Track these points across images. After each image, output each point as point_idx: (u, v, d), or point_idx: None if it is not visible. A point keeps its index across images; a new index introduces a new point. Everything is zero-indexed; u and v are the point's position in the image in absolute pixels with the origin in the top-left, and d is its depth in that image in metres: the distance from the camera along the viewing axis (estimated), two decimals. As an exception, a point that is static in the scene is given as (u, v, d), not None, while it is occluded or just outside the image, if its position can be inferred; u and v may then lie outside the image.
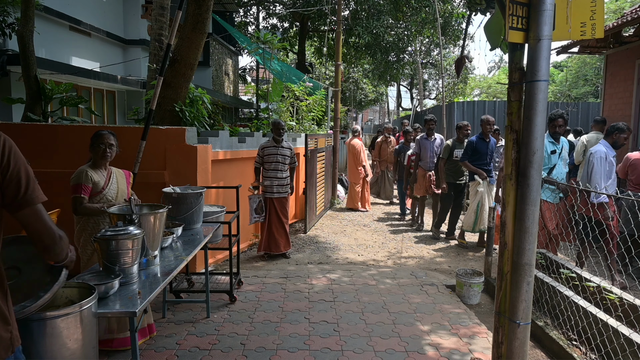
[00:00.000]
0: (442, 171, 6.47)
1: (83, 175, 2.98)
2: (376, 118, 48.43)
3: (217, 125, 6.67)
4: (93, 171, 3.06)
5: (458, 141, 6.38)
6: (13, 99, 5.97)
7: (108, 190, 3.10)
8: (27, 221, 1.42)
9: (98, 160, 3.09)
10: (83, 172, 2.99)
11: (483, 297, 4.34)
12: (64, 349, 1.82)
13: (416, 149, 7.27)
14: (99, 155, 3.07)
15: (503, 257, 2.11)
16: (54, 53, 8.25)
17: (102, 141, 3.06)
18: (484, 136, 6.00)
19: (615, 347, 2.84)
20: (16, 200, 1.38)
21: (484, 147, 5.97)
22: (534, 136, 1.95)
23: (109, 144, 3.08)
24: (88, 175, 3.00)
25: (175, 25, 3.82)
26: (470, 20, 6.77)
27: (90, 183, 3.00)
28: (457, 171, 6.37)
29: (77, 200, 2.95)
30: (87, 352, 1.94)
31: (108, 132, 3.13)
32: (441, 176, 6.51)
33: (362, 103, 29.69)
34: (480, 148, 5.96)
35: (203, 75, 13.40)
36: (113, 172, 3.22)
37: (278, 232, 5.54)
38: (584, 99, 20.18)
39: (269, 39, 8.68)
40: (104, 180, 3.10)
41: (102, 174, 3.12)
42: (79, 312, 1.86)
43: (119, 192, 3.18)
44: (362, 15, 14.50)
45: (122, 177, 3.29)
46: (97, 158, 3.09)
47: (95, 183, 3.03)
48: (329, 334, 3.49)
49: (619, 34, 7.96)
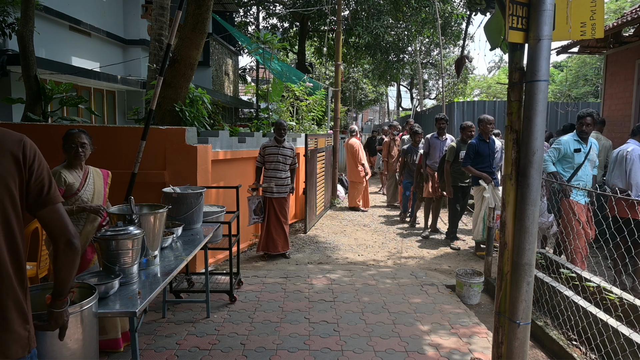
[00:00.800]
0: (449, 174, 6.18)
1: (55, 177, 2.85)
2: (376, 118, 48.40)
3: (217, 125, 6.67)
4: (68, 172, 2.96)
5: (462, 142, 6.14)
6: (13, 99, 5.96)
7: (83, 191, 2.99)
8: (51, 217, 1.52)
9: (72, 160, 2.99)
10: (56, 174, 2.86)
11: (483, 297, 4.34)
12: (64, 349, 1.81)
13: (425, 148, 6.98)
14: (71, 156, 2.97)
15: (503, 257, 2.11)
16: (54, 53, 8.25)
17: (73, 141, 2.95)
18: (484, 137, 5.78)
19: (615, 347, 2.84)
20: (39, 199, 1.50)
21: (485, 149, 5.75)
22: (534, 136, 1.95)
23: (80, 143, 2.96)
24: (61, 177, 2.89)
25: (175, 25, 3.82)
26: (470, 20, 6.77)
27: (64, 185, 2.89)
28: (463, 173, 6.09)
29: None
30: (88, 352, 1.94)
31: (79, 130, 3.01)
32: (447, 180, 6.24)
33: (362, 103, 29.69)
34: (482, 150, 5.73)
35: (203, 75, 13.40)
36: (90, 172, 3.11)
37: (276, 232, 5.54)
38: (584, 99, 20.18)
39: (269, 39, 8.68)
40: (79, 182, 2.99)
41: (78, 174, 3.02)
42: (79, 313, 1.86)
43: (95, 193, 3.07)
44: (362, 15, 14.50)
45: (100, 177, 3.18)
46: (70, 158, 2.98)
47: (69, 185, 2.92)
48: (329, 334, 3.49)
49: (619, 34, 7.95)
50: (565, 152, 4.62)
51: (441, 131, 6.86)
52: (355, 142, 9.04)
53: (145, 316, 3.75)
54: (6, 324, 1.43)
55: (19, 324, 1.46)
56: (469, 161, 5.75)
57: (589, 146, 4.64)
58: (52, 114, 6.17)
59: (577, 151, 4.58)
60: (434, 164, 6.81)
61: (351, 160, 9.05)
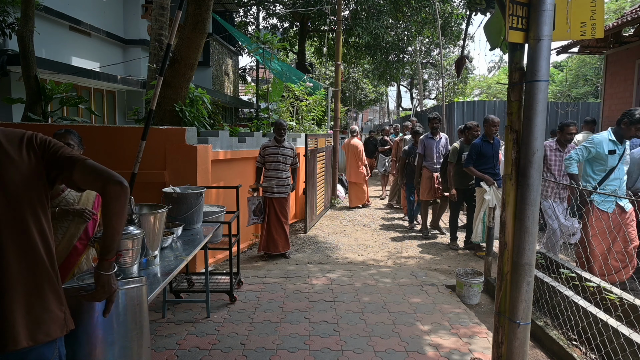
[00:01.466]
0: (451, 176, 6.09)
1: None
2: (376, 118, 48.40)
3: (217, 125, 6.67)
4: None
5: (466, 143, 6.04)
6: (13, 99, 5.97)
7: (69, 192, 2.89)
8: (87, 170, 1.53)
9: None
10: None
11: (483, 297, 4.34)
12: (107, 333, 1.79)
13: (420, 149, 6.80)
14: None
15: (503, 257, 2.11)
16: (54, 53, 8.25)
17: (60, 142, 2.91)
18: (488, 137, 5.67)
19: (615, 347, 2.84)
20: (65, 165, 1.52)
21: (489, 150, 5.62)
22: (534, 136, 1.95)
23: (67, 144, 2.83)
24: None
25: (175, 25, 3.82)
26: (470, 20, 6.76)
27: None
28: (466, 175, 5.98)
29: None
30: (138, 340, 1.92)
31: (65, 130, 2.91)
32: (451, 182, 6.11)
33: (362, 103, 29.69)
34: (486, 151, 5.59)
35: (203, 75, 13.41)
36: None
37: (277, 232, 5.54)
38: (584, 99, 20.19)
39: (269, 39, 8.68)
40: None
41: None
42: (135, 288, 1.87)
43: (82, 193, 2.95)
44: (362, 16, 14.51)
45: None
46: None
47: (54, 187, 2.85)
48: (329, 334, 3.49)
49: (619, 34, 7.96)
50: (598, 153, 4.22)
51: (434, 130, 6.75)
52: (358, 143, 9.06)
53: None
54: (46, 305, 1.49)
55: (55, 305, 1.51)
56: (471, 162, 5.64)
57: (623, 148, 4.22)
58: (52, 114, 6.17)
59: (611, 153, 4.16)
60: (432, 164, 6.71)
61: (353, 161, 9.04)
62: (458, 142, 6.23)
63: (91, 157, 3.00)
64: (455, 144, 6.24)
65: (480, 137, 5.76)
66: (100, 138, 4.55)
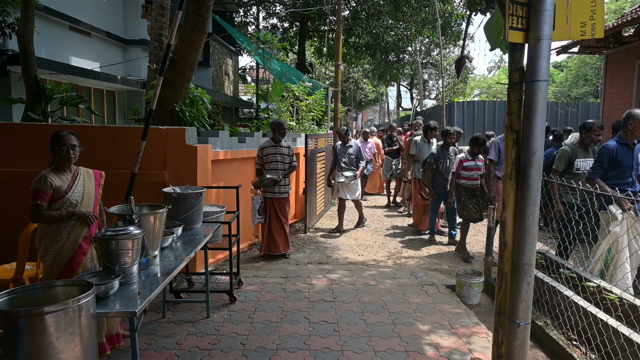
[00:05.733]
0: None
1: (42, 181, 2.75)
2: (376, 118, 48.42)
3: (217, 125, 6.67)
4: (55, 175, 2.82)
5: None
6: (13, 99, 5.97)
7: (72, 193, 2.88)
8: None
9: (61, 163, 2.85)
10: (42, 178, 2.76)
11: (483, 297, 4.34)
12: (56, 348, 1.81)
13: (493, 155, 5.47)
14: (62, 159, 2.83)
15: (503, 257, 2.11)
16: (54, 53, 8.25)
17: (64, 143, 2.83)
18: (628, 140, 4.02)
19: (615, 347, 2.84)
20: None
21: (628, 158, 3.99)
22: (534, 136, 1.95)
23: (71, 145, 2.85)
24: (47, 181, 2.76)
25: (175, 25, 3.82)
26: (470, 20, 6.75)
27: (50, 189, 2.77)
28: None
29: (34, 207, 2.74)
30: (88, 351, 1.94)
31: (68, 132, 2.89)
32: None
33: (362, 103, 29.73)
34: (624, 159, 3.97)
35: (203, 75, 13.41)
36: (80, 173, 2.98)
37: (277, 232, 5.54)
38: (584, 99, 20.20)
39: (269, 39, 8.69)
40: (67, 184, 2.86)
41: (66, 177, 2.89)
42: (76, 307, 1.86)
43: (84, 194, 2.95)
44: (362, 16, 14.52)
45: (91, 178, 3.05)
46: (60, 161, 2.85)
47: (56, 188, 2.80)
48: (329, 334, 3.49)
49: (619, 34, 7.96)
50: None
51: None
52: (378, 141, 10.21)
53: (145, 316, 3.75)
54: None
55: None
56: (600, 172, 4.01)
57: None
58: (52, 114, 6.17)
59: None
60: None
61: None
62: (569, 146, 4.75)
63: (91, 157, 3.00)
64: (565, 147, 4.76)
65: (617, 137, 4.15)
66: (100, 138, 4.55)
